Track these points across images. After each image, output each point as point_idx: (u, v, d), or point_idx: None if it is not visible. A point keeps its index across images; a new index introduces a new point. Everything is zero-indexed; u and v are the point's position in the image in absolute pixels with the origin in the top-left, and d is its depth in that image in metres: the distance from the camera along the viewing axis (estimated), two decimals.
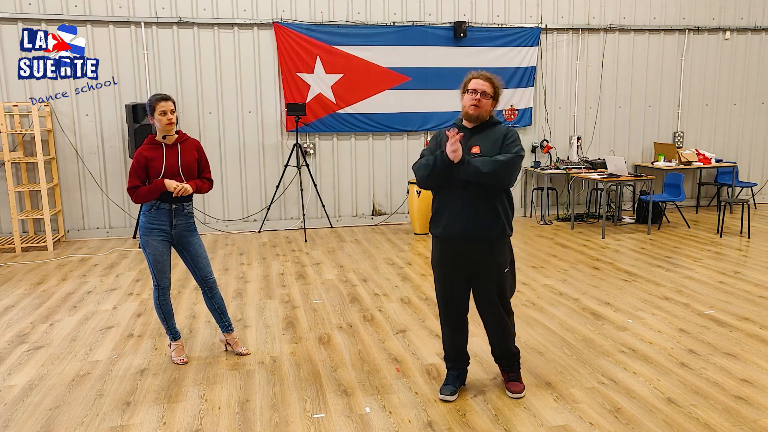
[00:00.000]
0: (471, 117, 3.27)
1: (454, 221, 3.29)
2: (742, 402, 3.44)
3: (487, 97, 3.25)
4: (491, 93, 3.26)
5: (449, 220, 3.30)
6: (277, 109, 8.36)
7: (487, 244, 3.32)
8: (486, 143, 3.27)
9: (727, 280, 5.80)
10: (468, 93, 3.26)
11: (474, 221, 3.26)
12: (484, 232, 3.28)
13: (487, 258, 3.34)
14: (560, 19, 8.99)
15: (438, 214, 3.37)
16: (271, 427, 3.26)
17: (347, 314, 5.01)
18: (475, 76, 3.28)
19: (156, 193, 3.83)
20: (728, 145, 9.89)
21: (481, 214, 3.26)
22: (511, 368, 3.60)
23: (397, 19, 8.47)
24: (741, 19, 9.57)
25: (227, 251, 7.32)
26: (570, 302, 5.22)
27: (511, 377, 3.60)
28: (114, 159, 8.01)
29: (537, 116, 9.18)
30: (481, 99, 3.23)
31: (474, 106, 3.24)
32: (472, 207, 3.26)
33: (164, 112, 3.80)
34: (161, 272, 3.95)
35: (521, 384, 3.58)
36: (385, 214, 8.93)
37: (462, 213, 3.27)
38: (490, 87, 3.26)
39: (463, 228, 3.27)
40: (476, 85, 3.24)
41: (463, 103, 3.29)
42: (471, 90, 3.25)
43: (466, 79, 3.31)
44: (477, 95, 3.23)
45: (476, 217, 3.26)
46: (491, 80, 3.27)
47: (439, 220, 3.36)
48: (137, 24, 7.81)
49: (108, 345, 4.42)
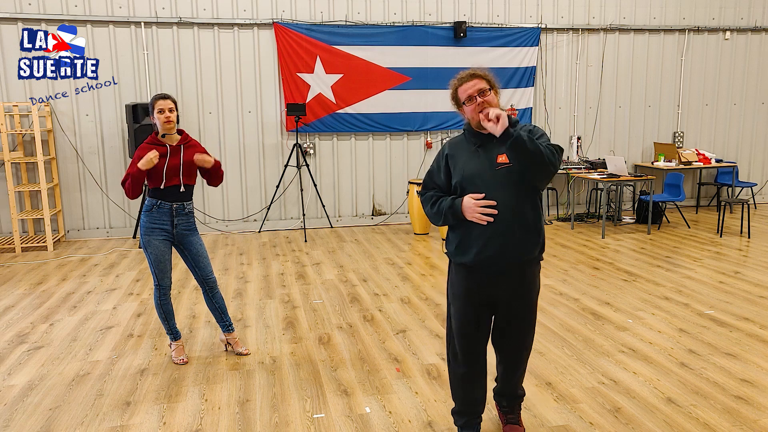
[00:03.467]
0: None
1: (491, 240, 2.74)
2: (742, 402, 3.44)
3: (487, 92, 2.73)
4: (487, 86, 2.74)
5: (484, 240, 2.75)
6: (277, 109, 8.36)
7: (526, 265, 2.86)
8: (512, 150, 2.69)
9: (727, 280, 5.80)
10: (466, 104, 2.76)
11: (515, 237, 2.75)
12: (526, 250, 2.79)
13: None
14: (560, 19, 8.99)
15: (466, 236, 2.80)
16: (271, 427, 3.26)
17: (347, 314, 5.01)
18: (459, 83, 2.79)
19: (137, 179, 3.74)
20: (728, 145, 9.89)
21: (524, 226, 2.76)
22: (512, 410, 3.16)
23: (397, 19, 8.47)
24: (741, 19, 9.57)
25: (227, 251, 7.32)
26: (570, 302, 5.22)
27: (510, 419, 3.14)
28: (114, 159, 8.00)
29: (537, 116, 9.18)
30: (485, 99, 2.72)
31: (483, 112, 2.69)
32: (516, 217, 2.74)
33: (162, 110, 3.81)
34: (162, 272, 3.95)
35: (521, 428, 3.12)
36: (385, 214, 8.93)
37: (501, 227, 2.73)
38: (482, 81, 2.74)
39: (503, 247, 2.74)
40: (468, 90, 2.74)
41: (469, 116, 2.78)
42: (467, 99, 2.74)
43: (452, 92, 2.82)
44: (477, 99, 2.72)
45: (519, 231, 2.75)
46: (477, 74, 2.76)
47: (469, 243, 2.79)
48: (137, 24, 7.81)
49: (108, 345, 4.42)
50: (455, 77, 2.84)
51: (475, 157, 2.79)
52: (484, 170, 2.75)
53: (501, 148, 2.73)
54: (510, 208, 2.71)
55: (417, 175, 8.89)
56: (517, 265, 2.80)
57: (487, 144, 2.78)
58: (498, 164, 2.73)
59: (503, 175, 2.73)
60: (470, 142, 2.84)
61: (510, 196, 2.72)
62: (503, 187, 2.72)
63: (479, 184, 2.74)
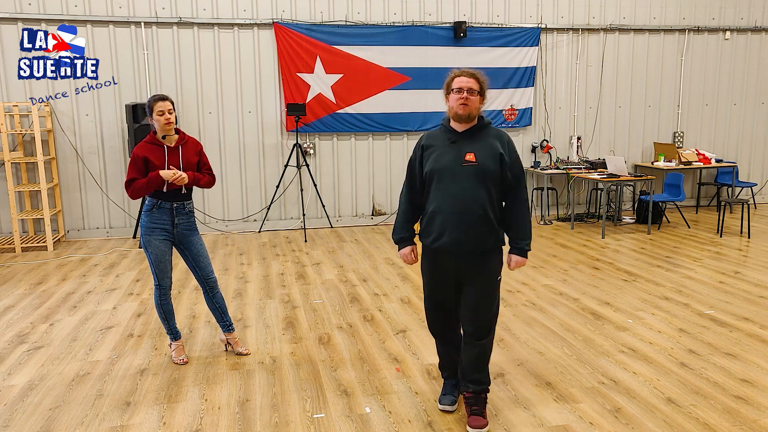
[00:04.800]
0: (461, 117, 3.07)
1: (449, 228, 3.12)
2: (742, 402, 3.44)
3: (474, 93, 3.05)
4: (477, 89, 3.06)
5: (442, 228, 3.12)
6: (277, 109, 8.36)
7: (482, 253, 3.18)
8: (481, 149, 3.07)
9: (727, 280, 5.80)
10: (453, 92, 3.07)
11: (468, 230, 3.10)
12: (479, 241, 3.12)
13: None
14: (560, 19, 8.99)
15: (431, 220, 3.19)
16: (271, 427, 3.26)
17: (347, 314, 5.01)
18: (458, 74, 3.10)
19: (152, 187, 3.81)
20: (728, 145, 9.89)
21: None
22: (476, 401, 3.22)
23: (397, 19, 8.47)
24: (741, 19, 9.57)
25: (227, 251, 7.32)
26: (570, 302, 5.22)
27: (474, 411, 3.20)
28: (114, 159, 8.00)
29: (537, 116, 9.18)
30: (469, 97, 3.03)
31: (463, 105, 3.04)
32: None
33: (162, 112, 3.81)
34: (163, 272, 3.95)
35: (485, 420, 3.18)
36: (385, 214, 8.93)
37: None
38: (476, 83, 3.07)
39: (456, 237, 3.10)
40: (461, 83, 3.06)
41: (450, 104, 3.10)
42: (456, 89, 3.06)
43: (448, 79, 3.13)
44: (464, 93, 3.03)
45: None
46: (475, 76, 3.08)
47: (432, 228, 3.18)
48: (137, 24, 7.81)
49: (108, 345, 4.42)
50: (459, 69, 3.16)
51: (448, 151, 3.11)
52: (453, 165, 3.08)
53: (471, 146, 3.09)
54: (470, 201, 3.04)
55: None
56: (472, 253, 3.11)
57: (459, 141, 3.12)
58: (465, 161, 3.07)
59: (468, 172, 3.06)
60: (446, 136, 3.16)
61: (471, 191, 3.05)
62: (467, 182, 3.06)
63: (446, 177, 3.08)
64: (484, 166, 3.04)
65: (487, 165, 3.05)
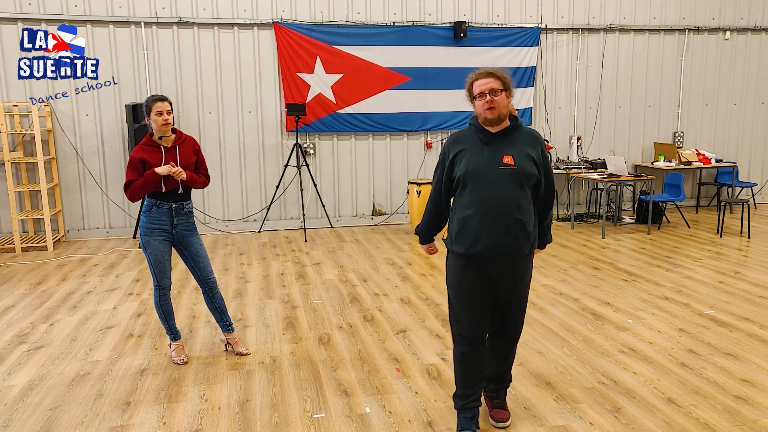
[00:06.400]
0: (492, 121, 2.90)
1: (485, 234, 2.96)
2: (742, 402, 3.44)
3: (498, 93, 2.87)
4: (500, 87, 2.89)
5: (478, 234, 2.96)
6: (277, 109, 8.36)
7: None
8: (519, 152, 2.92)
9: (727, 280, 5.80)
10: (477, 99, 2.91)
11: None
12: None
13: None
14: (560, 19, 8.99)
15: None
16: (271, 427, 3.26)
17: (347, 314, 5.01)
18: (476, 77, 2.94)
19: (149, 186, 3.81)
20: (728, 145, 9.89)
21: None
22: (497, 395, 3.30)
23: (397, 19, 8.47)
24: (741, 19, 9.57)
25: (227, 251, 7.32)
26: (570, 302, 5.22)
27: (496, 404, 3.29)
28: (114, 159, 8.00)
29: (537, 116, 9.18)
30: (494, 98, 2.86)
31: (490, 110, 2.87)
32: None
33: (160, 112, 3.81)
34: (162, 272, 3.95)
35: (507, 412, 3.28)
36: (385, 214, 8.93)
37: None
38: (497, 81, 2.89)
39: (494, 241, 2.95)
40: (481, 86, 2.89)
41: (477, 110, 2.94)
42: (478, 94, 2.90)
43: (467, 85, 2.98)
44: (487, 96, 2.87)
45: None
46: (494, 74, 2.91)
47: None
48: (137, 24, 7.81)
49: (108, 345, 4.42)
50: (474, 71, 2.99)
51: (481, 153, 2.94)
52: (489, 168, 2.90)
53: (507, 148, 2.92)
54: (508, 206, 2.89)
55: (417, 175, 8.89)
56: (510, 257, 2.97)
57: (494, 142, 2.95)
58: (503, 164, 2.90)
59: (506, 175, 2.90)
60: (478, 137, 2.98)
61: (509, 195, 2.89)
62: (504, 186, 2.89)
63: (482, 180, 2.90)
64: (523, 169, 2.90)
65: (526, 168, 2.91)
